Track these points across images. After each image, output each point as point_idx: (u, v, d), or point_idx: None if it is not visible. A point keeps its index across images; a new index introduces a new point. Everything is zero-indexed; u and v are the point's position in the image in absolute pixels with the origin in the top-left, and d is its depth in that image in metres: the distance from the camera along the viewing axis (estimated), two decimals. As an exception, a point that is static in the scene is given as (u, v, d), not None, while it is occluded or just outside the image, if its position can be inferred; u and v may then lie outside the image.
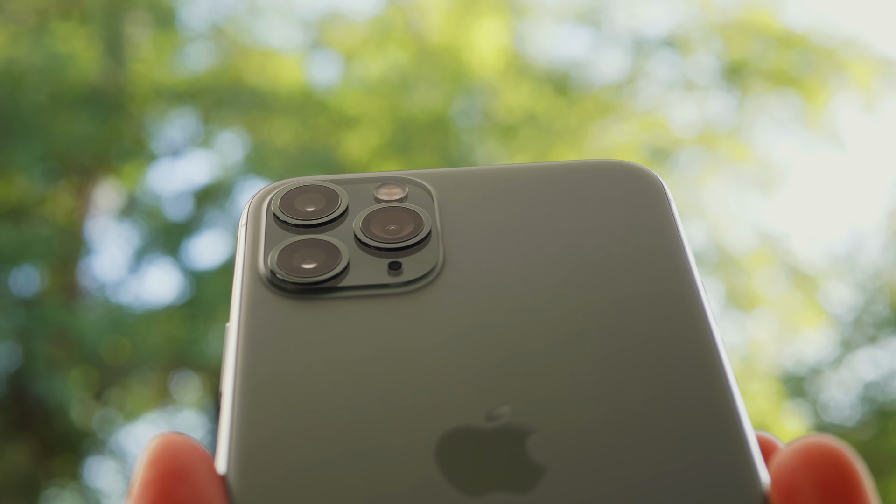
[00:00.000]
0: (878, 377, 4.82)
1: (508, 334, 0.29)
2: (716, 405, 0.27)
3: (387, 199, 0.33)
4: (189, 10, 4.12)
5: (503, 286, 0.30)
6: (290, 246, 0.32)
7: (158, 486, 0.25)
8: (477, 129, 4.14)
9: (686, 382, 0.28)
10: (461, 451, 0.27)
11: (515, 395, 0.28)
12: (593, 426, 0.27)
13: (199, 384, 4.24)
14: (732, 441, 0.26)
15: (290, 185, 0.34)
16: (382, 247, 0.32)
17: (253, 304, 0.30)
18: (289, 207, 0.33)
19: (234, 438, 0.27)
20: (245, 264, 0.31)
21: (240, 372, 0.28)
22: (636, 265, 0.31)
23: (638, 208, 0.32)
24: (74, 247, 3.95)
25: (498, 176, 0.34)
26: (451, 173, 0.34)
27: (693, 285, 0.30)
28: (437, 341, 0.29)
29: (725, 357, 0.28)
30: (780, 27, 4.60)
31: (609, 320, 0.29)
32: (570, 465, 0.26)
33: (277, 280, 0.31)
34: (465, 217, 0.33)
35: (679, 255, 0.31)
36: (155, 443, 0.26)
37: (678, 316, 0.29)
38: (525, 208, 0.33)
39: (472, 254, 0.31)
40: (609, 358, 0.28)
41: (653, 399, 0.27)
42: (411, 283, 0.31)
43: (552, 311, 0.30)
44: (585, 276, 0.31)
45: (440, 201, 0.33)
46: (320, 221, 0.33)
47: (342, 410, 0.27)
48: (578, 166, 0.34)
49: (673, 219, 0.32)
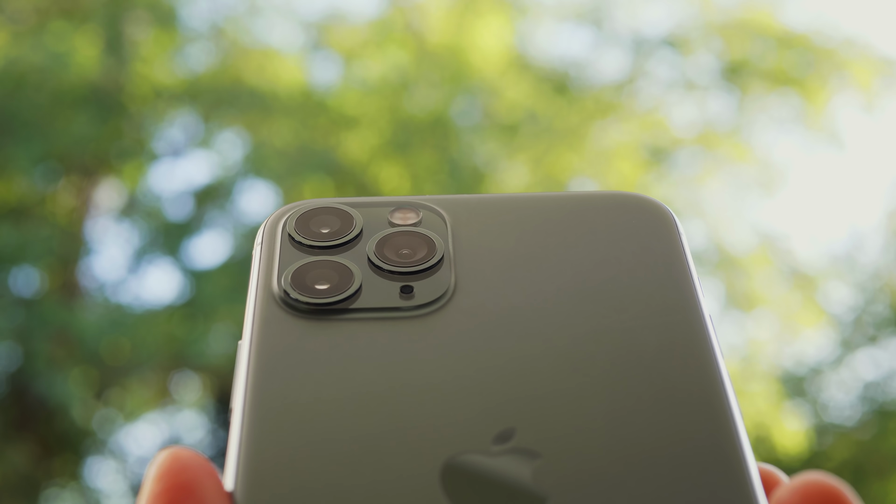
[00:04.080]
0: (878, 377, 4.82)
1: (517, 362, 0.29)
2: (721, 441, 0.27)
3: (401, 223, 0.34)
4: (189, 10, 4.12)
5: (513, 314, 0.31)
6: (304, 267, 0.32)
7: (166, 499, 0.25)
8: (477, 128, 4.14)
9: (692, 417, 0.28)
10: (466, 477, 0.27)
11: (522, 423, 0.28)
12: (598, 457, 0.27)
13: (199, 384, 4.24)
14: (736, 478, 0.27)
15: (305, 207, 0.34)
16: (395, 270, 0.32)
17: (265, 322, 0.30)
18: (304, 228, 0.33)
19: (243, 457, 0.27)
20: (259, 283, 0.32)
21: (250, 390, 0.29)
22: (646, 298, 0.31)
23: (649, 241, 0.33)
24: (74, 247, 3.95)
25: (511, 204, 0.34)
26: (465, 200, 0.35)
27: (701, 320, 0.30)
28: (446, 366, 0.29)
29: (731, 392, 0.29)
30: (780, 27, 4.59)
31: (617, 352, 0.30)
32: (574, 495, 0.26)
33: (290, 300, 0.31)
34: (477, 244, 0.33)
35: (688, 289, 0.31)
36: (163, 456, 0.26)
37: (686, 350, 0.30)
38: (537, 237, 0.33)
39: (484, 280, 0.32)
40: (616, 390, 0.29)
41: (658, 432, 0.27)
42: (423, 307, 0.31)
43: (561, 341, 0.30)
44: (595, 307, 0.31)
45: (453, 227, 0.34)
46: (335, 243, 0.33)
47: (350, 433, 0.28)
48: (591, 197, 0.34)
49: (683, 253, 0.32)
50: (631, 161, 4.21)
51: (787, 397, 4.42)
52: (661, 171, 4.48)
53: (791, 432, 3.98)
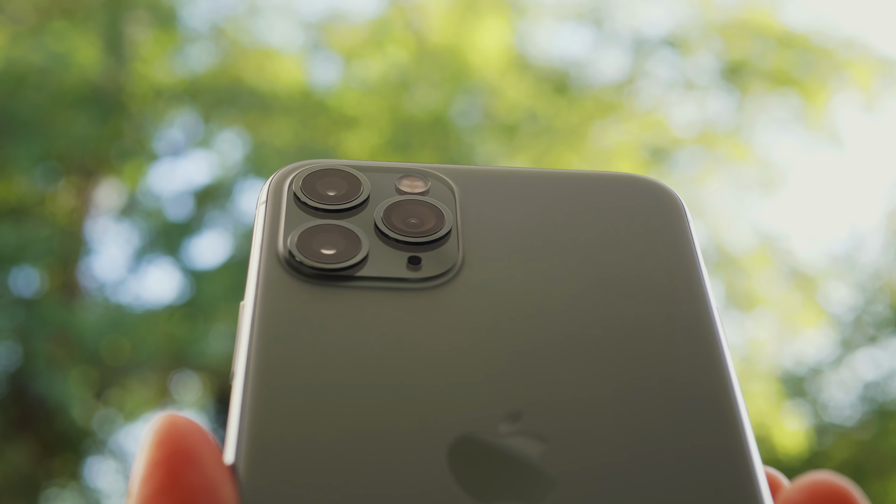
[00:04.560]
0: (878, 377, 4.82)
1: (523, 340, 0.29)
2: (726, 432, 0.27)
3: (409, 191, 0.33)
4: (189, 10, 4.12)
5: (520, 291, 0.30)
6: (311, 230, 0.31)
7: (167, 467, 0.25)
8: (477, 128, 4.14)
9: (699, 411, 0.28)
10: (473, 455, 0.26)
11: (529, 404, 0.28)
12: (605, 444, 0.27)
13: (199, 384, 4.24)
14: (742, 471, 0.27)
15: (313, 167, 0.33)
16: (402, 240, 0.31)
17: (269, 284, 0.30)
18: (310, 189, 0.32)
19: (245, 426, 0.26)
20: (263, 243, 0.31)
21: (253, 356, 0.28)
22: (653, 283, 0.31)
23: (657, 225, 0.32)
24: (74, 247, 3.95)
25: (520, 179, 0.34)
26: (474, 171, 0.34)
27: (708, 307, 0.30)
28: (452, 341, 0.29)
29: (738, 387, 0.29)
30: (780, 27, 4.60)
31: (624, 336, 0.29)
32: (581, 480, 0.26)
33: (296, 262, 0.30)
34: (485, 217, 0.32)
35: (695, 276, 0.31)
36: (161, 422, 0.25)
37: (692, 338, 0.29)
38: (545, 214, 0.32)
39: (491, 256, 0.31)
40: (623, 375, 0.28)
41: (665, 422, 0.27)
42: (430, 279, 0.30)
43: (568, 321, 0.30)
44: (602, 289, 0.30)
45: (461, 199, 0.33)
46: (342, 207, 0.32)
47: (355, 404, 0.27)
48: (601, 177, 0.34)
49: (691, 238, 0.32)
50: (631, 161, 4.21)
51: (787, 397, 4.42)
52: (661, 171, 4.47)
53: (791, 432, 3.98)
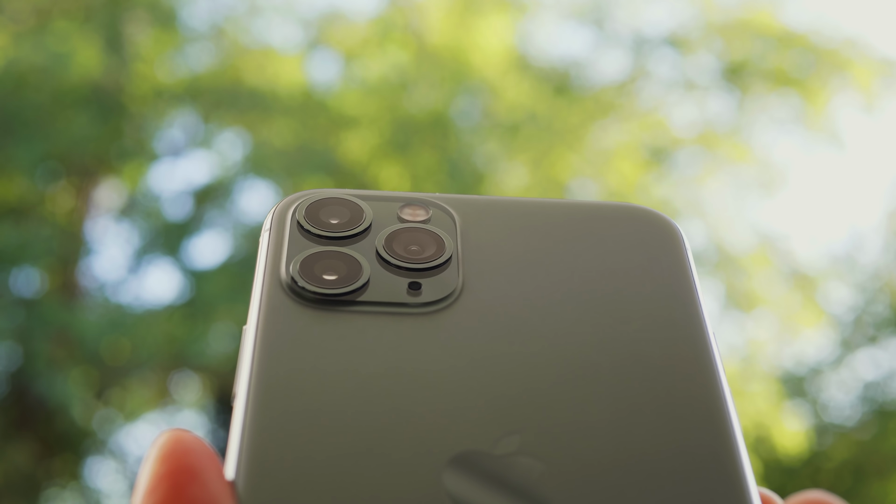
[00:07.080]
0: (878, 377, 4.82)
1: (521, 366, 0.30)
2: (721, 457, 0.28)
3: (410, 219, 0.34)
4: (189, 10, 4.12)
5: (519, 318, 0.31)
6: (313, 256, 0.32)
7: (171, 482, 0.25)
8: (477, 128, 4.14)
9: (693, 431, 0.28)
10: (469, 476, 0.27)
11: (525, 427, 0.28)
12: (599, 466, 0.27)
13: (199, 384, 4.24)
14: (735, 493, 0.27)
15: (315, 196, 0.34)
16: (403, 266, 0.32)
17: (272, 309, 0.30)
18: (314, 218, 0.33)
19: (245, 445, 0.27)
20: (266, 269, 0.32)
21: (255, 377, 0.29)
22: (650, 311, 0.31)
23: (655, 254, 0.33)
24: (74, 247, 3.95)
25: (521, 208, 0.35)
26: (475, 201, 0.35)
27: (704, 335, 0.31)
28: (450, 365, 0.29)
29: (732, 407, 0.29)
30: (780, 27, 4.59)
31: (620, 362, 0.30)
32: (577, 502, 0.26)
33: (298, 288, 0.31)
34: (485, 246, 0.33)
35: (692, 303, 0.32)
36: (165, 438, 0.26)
37: (688, 365, 0.30)
38: (545, 244, 0.33)
39: (490, 283, 0.32)
40: (619, 399, 0.29)
41: (659, 446, 0.28)
42: (429, 304, 0.31)
43: (565, 348, 0.30)
44: (600, 316, 0.31)
45: (462, 227, 0.34)
46: (344, 235, 0.33)
47: (354, 425, 0.28)
48: (600, 207, 0.35)
49: (688, 268, 0.33)
50: (631, 161, 4.21)
51: (787, 397, 4.42)
52: (661, 171, 4.48)
53: (791, 432, 3.98)
